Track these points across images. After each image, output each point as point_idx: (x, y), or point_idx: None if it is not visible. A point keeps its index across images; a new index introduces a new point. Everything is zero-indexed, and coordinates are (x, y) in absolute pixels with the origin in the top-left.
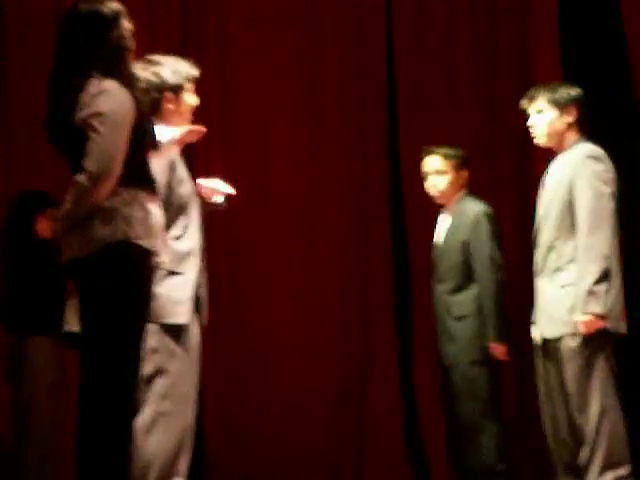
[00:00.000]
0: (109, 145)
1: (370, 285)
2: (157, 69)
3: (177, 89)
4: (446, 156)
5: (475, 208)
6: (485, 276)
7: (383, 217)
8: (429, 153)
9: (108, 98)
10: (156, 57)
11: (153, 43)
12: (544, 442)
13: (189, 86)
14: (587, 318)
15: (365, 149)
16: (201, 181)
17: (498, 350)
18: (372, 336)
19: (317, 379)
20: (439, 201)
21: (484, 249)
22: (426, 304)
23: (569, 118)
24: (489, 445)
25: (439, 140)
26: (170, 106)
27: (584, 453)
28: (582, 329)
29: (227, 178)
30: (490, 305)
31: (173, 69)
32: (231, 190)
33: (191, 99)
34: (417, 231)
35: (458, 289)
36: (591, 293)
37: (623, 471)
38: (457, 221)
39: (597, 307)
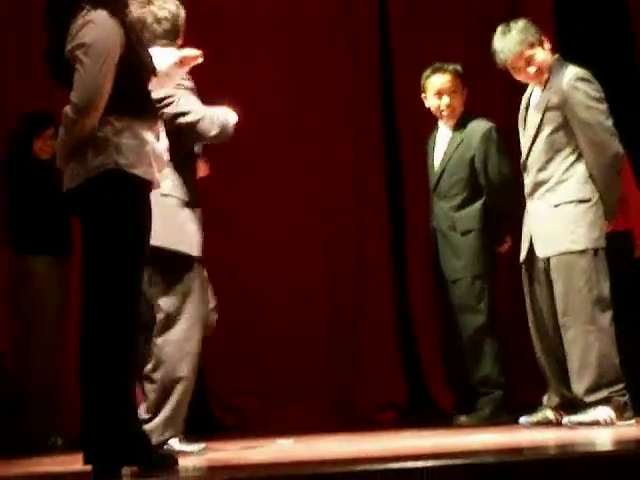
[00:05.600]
0: (92, 76)
1: (365, 204)
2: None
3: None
4: (457, 73)
5: (483, 125)
6: (501, 187)
7: (376, 140)
8: (442, 71)
9: (93, 29)
10: None
11: None
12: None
13: None
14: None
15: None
16: None
17: (506, 244)
18: (367, 256)
19: (309, 311)
20: (448, 119)
21: (496, 163)
22: (419, 223)
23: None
24: (490, 356)
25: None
26: None
27: (573, 372)
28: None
29: None
30: (507, 210)
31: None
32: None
33: None
34: (410, 151)
35: (464, 204)
36: None
37: (616, 388)
38: (464, 137)
39: None
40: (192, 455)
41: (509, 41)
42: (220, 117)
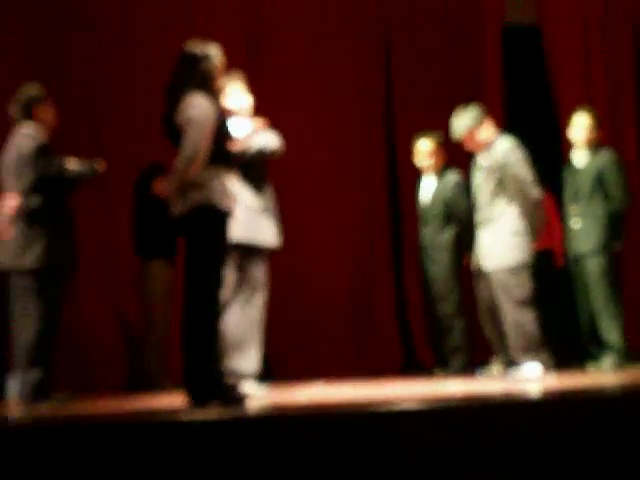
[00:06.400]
0: (195, 141)
1: (374, 227)
2: None
3: None
4: (439, 140)
5: (455, 176)
6: (465, 220)
7: (382, 185)
8: (427, 138)
9: (194, 108)
10: None
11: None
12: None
13: None
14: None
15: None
16: None
17: (467, 259)
18: (375, 260)
19: (335, 294)
20: (431, 172)
21: (462, 203)
22: (411, 241)
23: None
24: (457, 330)
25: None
26: None
27: (511, 343)
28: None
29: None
30: (468, 236)
31: None
32: None
33: None
34: (406, 192)
35: (441, 230)
36: None
37: (541, 353)
38: (442, 184)
39: None
40: (255, 396)
41: (460, 122)
42: (273, 137)
